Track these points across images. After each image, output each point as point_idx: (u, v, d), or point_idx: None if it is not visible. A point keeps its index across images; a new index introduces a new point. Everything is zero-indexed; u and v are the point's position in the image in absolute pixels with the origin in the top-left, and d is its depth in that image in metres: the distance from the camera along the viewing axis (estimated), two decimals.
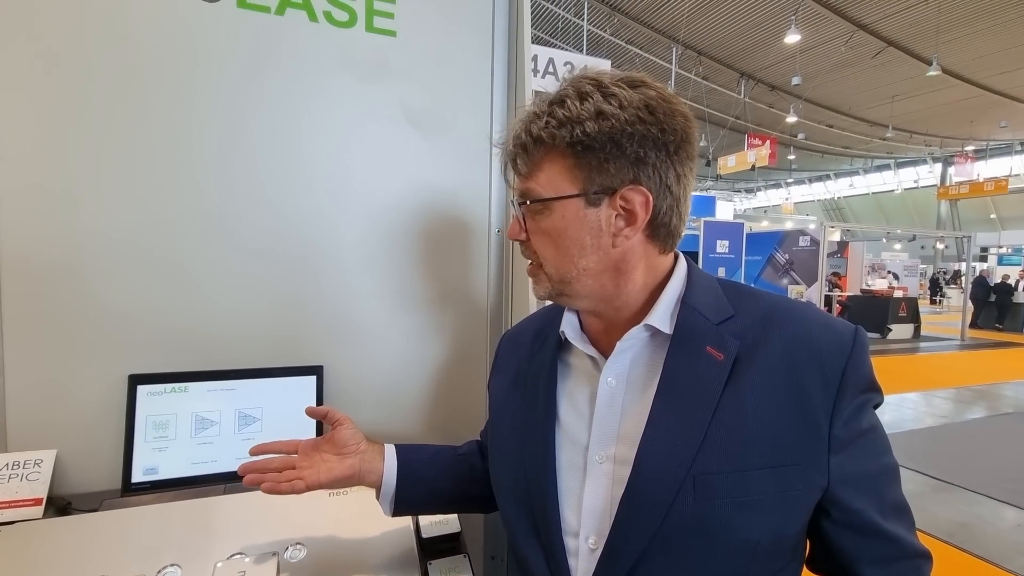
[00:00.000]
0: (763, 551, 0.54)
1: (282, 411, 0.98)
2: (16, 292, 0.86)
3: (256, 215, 0.98)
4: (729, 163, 16.03)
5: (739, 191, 32.69)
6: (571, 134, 0.54)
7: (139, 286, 0.92)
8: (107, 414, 0.90)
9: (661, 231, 0.60)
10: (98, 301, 0.90)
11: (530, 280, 0.65)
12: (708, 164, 19.86)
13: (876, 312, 10.41)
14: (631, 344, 0.61)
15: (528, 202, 0.59)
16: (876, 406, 0.59)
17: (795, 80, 13.09)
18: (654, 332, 0.61)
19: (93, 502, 0.85)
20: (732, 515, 0.53)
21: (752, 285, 0.73)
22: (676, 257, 0.64)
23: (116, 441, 0.90)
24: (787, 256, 9.15)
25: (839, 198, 30.68)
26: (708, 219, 8.35)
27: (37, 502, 0.82)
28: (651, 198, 0.56)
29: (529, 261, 0.64)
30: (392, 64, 1.04)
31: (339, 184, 1.03)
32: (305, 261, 1.01)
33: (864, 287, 11.73)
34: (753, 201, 33.91)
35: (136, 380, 0.91)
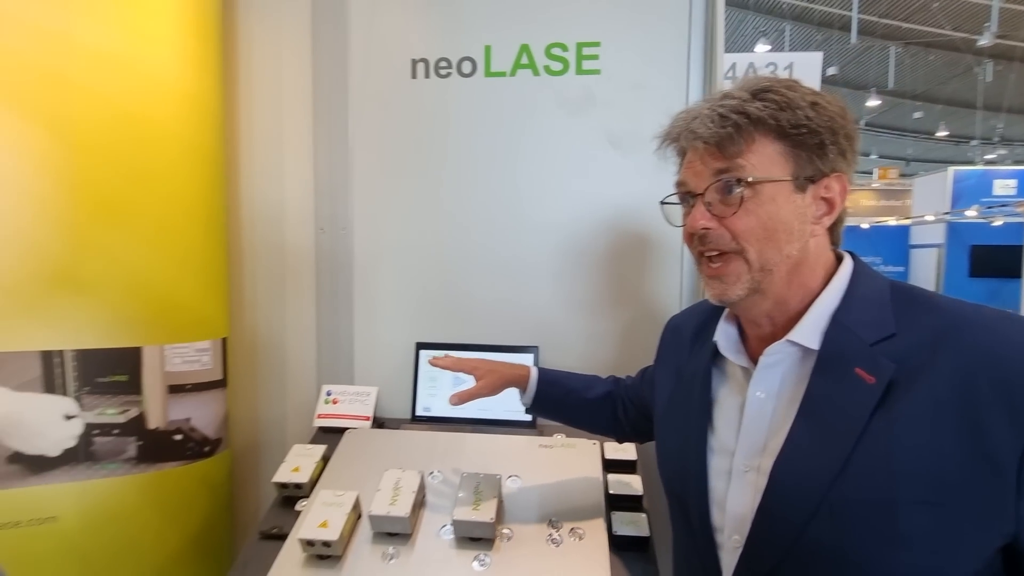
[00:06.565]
0: None
1: None
2: (361, 282, 1.36)
3: (499, 230, 1.30)
4: None
5: None
6: (793, 117, 0.56)
7: (423, 281, 1.34)
8: (403, 367, 1.34)
9: (838, 228, 0.62)
10: (402, 291, 1.35)
11: (712, 287, 0.62)
12: None
13: None
14: (779, 359, 0.61)
15: (749, 179, 0.57)
16: None
17: None
18: (804, 348, 0.59)
19: (394, 424, 1.29)
20: (877, 549, 0.50)
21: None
22: (840, 261, 0.63)
23: (407, 386, 1.32)
24: None
25: None
26: None
27: (367, 418, 1.28)
28: (848, 188, 0.59)
29: (715, 262, 0.61)
30: (597, 97, 1.24)
31: (554, 200, 1.28)
32: (525, 263, 1.30)
33: None
34: None
35: (420, 346, 1.33)
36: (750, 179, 0.57)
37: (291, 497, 1.04)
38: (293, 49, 1.32)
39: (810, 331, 0.59)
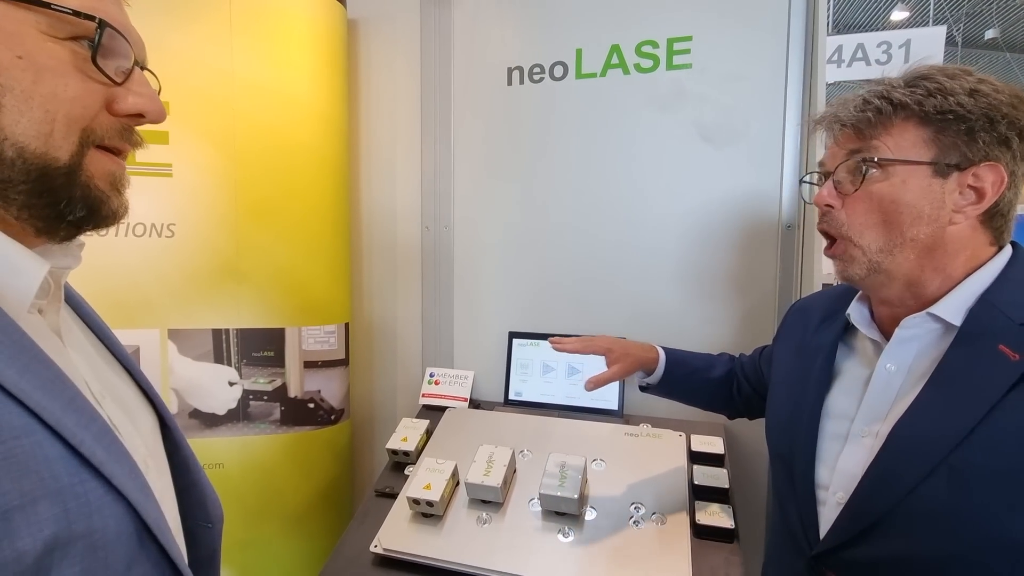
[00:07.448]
0: None
1: (595, 367, 1.32)
2: (461, 275, 1.49)
3: (587, 226, 1.35)
4: None
5: None
6: (942, 103, 0.56)
7: (516, 275, 1.43)
8: (497, 354, 1.44)
9: (997, 220, 0.60)
10: (496, 284, 1.45)
11: (835, 264, 0.65)
12: None
13: None
14: (916, 334, 0.62)
15: (875, 159, 0.59)
16: None
17: None
18: (947, 326, 0.60)
19: (488, 406, 1.39)
20: (997, 515, 0.51)
21: None
22: (1000, 250, 0.62)
23: (501, 372, 1.43)
24: None
25: None
26: None
27: (465, 399, 1.41)
28: (1006, 178, 0.57)
29: (831, 242, 0.64)
30: (688, 91, 1.24)
31: (643, 195, 1.30)
32: (616, 256, 1.33)
33: None
34: None
35: (512, 335, 1.42)
36: (876, 159, 0.59)
37: (400, 463, 1.19)
38: (404, 68, 1.47)
39: (954, 307, 0.59)
